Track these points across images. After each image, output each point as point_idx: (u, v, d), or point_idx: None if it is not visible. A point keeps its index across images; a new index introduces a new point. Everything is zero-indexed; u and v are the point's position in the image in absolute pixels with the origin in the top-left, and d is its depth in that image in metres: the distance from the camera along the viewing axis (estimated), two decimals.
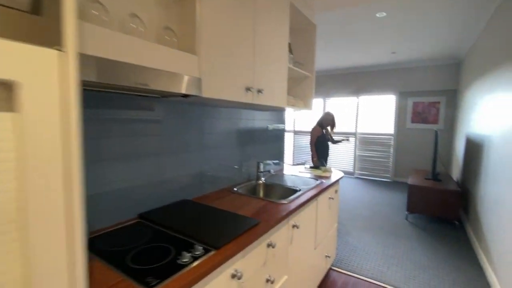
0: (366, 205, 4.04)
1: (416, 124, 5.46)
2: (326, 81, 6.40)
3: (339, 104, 6.33)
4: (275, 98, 1.67)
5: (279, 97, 1.73)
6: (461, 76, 4.65)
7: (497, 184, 2.19)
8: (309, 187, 1.81)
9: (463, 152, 3.83)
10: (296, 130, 7.01)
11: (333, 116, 3.79)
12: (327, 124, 3.77)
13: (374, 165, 5.95)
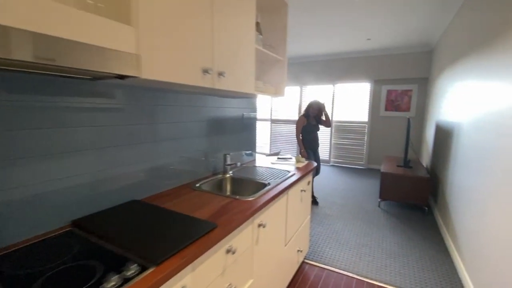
0: (340, 193, 4.05)
1: (389, 112, 5.54)
2: (302, 68, 6.28)
3: (316, 93, 6.26)
4: (240, 82, 1.49)
5: (246, 81, 1.55)
6: (433, 64, 4.72)
7: (466, 171, 2.21)
8: (279, 180, 1.68)
9: (433, 139, 3.91)
10: (274, 118, 6.89)
11: (318, 103, 3.61)
12: (313, 113, 3.61)
13: (349, 152, 6.02)
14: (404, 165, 3.63)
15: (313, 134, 3.62)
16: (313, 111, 3.59)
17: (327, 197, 3.85)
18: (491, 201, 1.70)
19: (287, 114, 6.69)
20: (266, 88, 1.95)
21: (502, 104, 1.66)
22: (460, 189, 2.32)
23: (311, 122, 3.61)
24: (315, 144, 3.65)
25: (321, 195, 3.93)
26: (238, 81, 1.47)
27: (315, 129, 3.63)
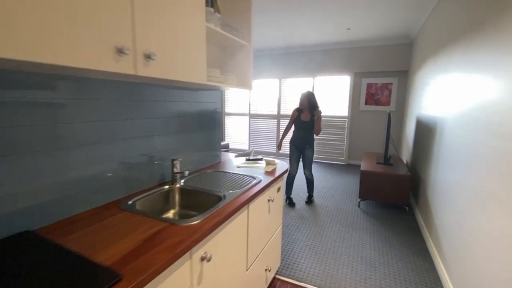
0: (319, 192, 3.83)
1: (369, 106, 5.38)
2: (281, 61, 5.98)
3: (295, 86, 5.99)
4: (181, 69, 1.15)
5: (190, 68, 1.21)
6: (413, 57, 4.57)
7: (450, 169, 2.02)
8: (240, 190, 1.37)
9: (413, 134, 3.76)
10: (252, 113, 6.57)
11: (308, 95, 3.23)
12: (303, 106, 3.26)
13: (329, 148, 5.84)
14: (384, 162, 3.45)
15: (300, 130, 3.28)
16: (302, 103, 3.25)
17: (305, 198, 3.61)
18: (474, 201, 1.49)
19: (266, 109, 6.39)
20: (226, 78, 1.62)
21: (488, 99, 1.44)
22: (442, 188, 2.13)
23: (300, 117, 3.26)
24: (300, 142, 3.31)
25: (299, 195, 3.69)
26: (178, 67, 1.13)
27: (303, 125, 3.24)
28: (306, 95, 3.24)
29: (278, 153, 6.32)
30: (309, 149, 3.32)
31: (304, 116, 3.26)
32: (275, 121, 6.28)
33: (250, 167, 1.91)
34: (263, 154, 6.52)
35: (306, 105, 3.23)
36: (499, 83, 1.38)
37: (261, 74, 6.24)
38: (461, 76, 1.98)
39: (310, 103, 3.21)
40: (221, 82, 1.55)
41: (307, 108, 3.23)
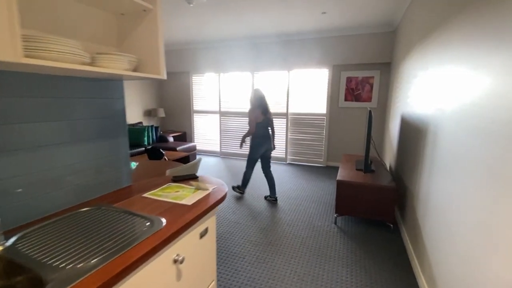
0: (292, 203, 3.26)
1: (349, 102, 4.88)
2: (253, 52, 5.34)
3: (269, 80, 5.39)
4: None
5: None
6: (396, 47, 4.08)
7: (447, 180, 1.49)
8: (109, 254, 0.74)
9: (397, 135, 3.26)
10: (224, 110, 5.91)
11: (256, 94, 3.24)
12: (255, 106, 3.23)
13: (307, 149, 5.30)
14: (365, 169, 2.92)
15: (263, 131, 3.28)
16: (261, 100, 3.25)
17: (275, 213, 3.03)
18: (482, 234, 0.95)
19: (239, 106, 5.75)
20: (116, 61, 0.97)
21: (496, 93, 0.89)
22: (438, 205, 1.60)
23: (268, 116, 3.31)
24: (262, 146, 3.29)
25: (267, 208, 3.10)
26: None
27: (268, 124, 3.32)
28: (256, 94, 3.27)
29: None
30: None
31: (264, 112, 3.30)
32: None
33: (166, 195, 1.28)
34: (236, 156, 5.90)
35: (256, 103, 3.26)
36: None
37: (231, 67, 5.59)
38: (461, 67, 1.43)
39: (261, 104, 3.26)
40: (103, 65, 0.91)
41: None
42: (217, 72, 5.79)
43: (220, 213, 3.01)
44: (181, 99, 6.35)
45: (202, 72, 5.96)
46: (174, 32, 4.84)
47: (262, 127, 3.22)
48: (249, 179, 3.42)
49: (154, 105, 6.41)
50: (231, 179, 4.29)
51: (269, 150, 3.34)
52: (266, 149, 3.30)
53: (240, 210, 3.10)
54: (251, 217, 2.91)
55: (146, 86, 6.12)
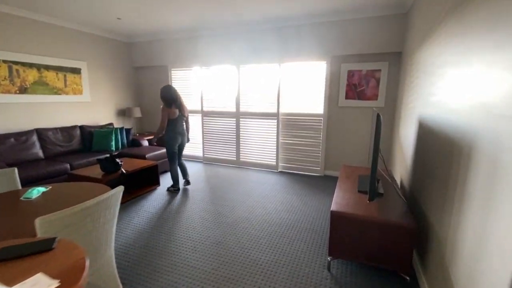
0: (272, 234, 2.51)
1: (351, 100, 4.09)
2: (237, 42, 4.56)
3: (257, 74, 4.61)
4: None
5: None
6: (410, 32, 3.27)
7: (496, 217, 0.72)
8: None
9: (413, 145, 2.49)
10: (206, 110, 5.15)
11: (170, 91, 3.45)
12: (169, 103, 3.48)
13: (301, 155, 4.53)
14: (371, 195, 2.15)
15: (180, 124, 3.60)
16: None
17: (249, 247, 2.28)
18: None
19: (224, 105, 4.99)
20: None
21: None
22: (481, 251, 0.84)
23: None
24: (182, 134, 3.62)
25: (242, 244, 2.35)
26: None
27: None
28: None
29: (239, 161, 4.98)
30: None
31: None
32: (234, 120, 4.90)
33: None
34: (221, 162, 5.14)
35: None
36: None
37: (214, 59, 4.81)
38: None
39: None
40: None
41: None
42: (198, 66, 5.02)
43: (155, 236, 2.27)
44: (159, 96, 5.59)
45: (182, 66, 5.20)
46: (150, 20, 4.08)
47: (177, 122, 3.48)
48: (177, 174, 3.65)
49: (130, 103, 5.67)
50: (212, 193, 3.54)
51: (183, 143, 3.68)
52: (181, 143, 3.62)
53: (193, 235, 2.36)
54: (207, 255, 2.17)
55: (118, 82, 5.38)
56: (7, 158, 3.43)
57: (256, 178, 4.24)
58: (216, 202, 3.27)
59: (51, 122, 4.23)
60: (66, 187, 1.92)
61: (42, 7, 3.58)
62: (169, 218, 2.86)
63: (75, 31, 4.46)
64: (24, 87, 3.85)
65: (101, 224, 1.41)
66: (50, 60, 4.14)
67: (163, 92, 3.42)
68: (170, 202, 3.29)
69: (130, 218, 2.85)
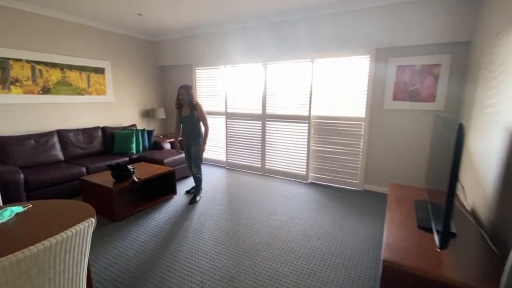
0: (303, 271, 1.98)
1: (400, 102, 3.39)
2: (264, 34, 4.09)
3: (286, 72, 4.10)
4: None
5: None
6: (484, 14, 2.52)
7: None
8: None
9: (498, 164, 1.79)
10: (230, 112, 4.76)
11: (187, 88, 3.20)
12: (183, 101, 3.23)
13: (336, 165, 3.91)
14: (443, 238, 1.52)
15: (183, 127, 3.31)
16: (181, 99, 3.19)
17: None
18: None
19: (249, 106, 4.55)
20: None
21: None
22: None
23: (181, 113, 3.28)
24: (185, 139, 3.35)
25: (260, 283, 1.87)
26: None
27: (184, 121, 3.26)
28: (185, 89, 3.17)
29: (264, 169, 4.51)
30: (193, 146, 3.29)
31: (184, 111, 3.25)
32: (260, 123, 4.43)
33: None
34: (245, 168, 4.72)
35: (186, 100, 3.17)
36: None
37: (240, 57, 4.40)
38: None
39: (189, 97, 3.16)
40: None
41: (187, 103, 3.19)
42: (223, 65, 4.65)
43: None
44: None
45: (206, 65, 4.87)
46: (171, 15, 3.80)
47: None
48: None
49: (154, 104, 5.49)
50: (231, 207, 3.12)
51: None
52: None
53: None
54: None
55: (143, 82, 5.22)
56: (26, 160, 3.34)
57: (283, 190, 3.73)
58: (234, 219, 2.83)
59: (73, 123, 4.14)
60: (46, 207, 1.60)
61: (60, 3, 3.45)
62: (178, 236, 2.48)
63: (99, 30, 4.34)
64: (47, 88, 3.79)
65: (58, 274, 1.03)
66: (74, 59, 4.05)
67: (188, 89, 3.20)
68: (184, 216, 2.92)
69: (137, 235, 2.52)
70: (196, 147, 3.26)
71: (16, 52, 3.42)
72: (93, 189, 2.94)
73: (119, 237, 2.48)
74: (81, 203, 1.66)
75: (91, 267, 1.92)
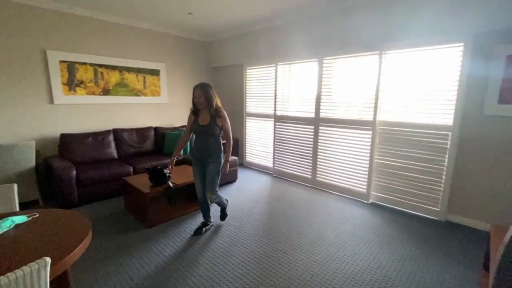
0: None
1: (510, 106, 2.42)
2: (321, 25, 3.52)
3: (346, 69, 3.45)
4: None
5: None
6: None
7: None
8: None
9: None
10: (280, 114, 4.33)
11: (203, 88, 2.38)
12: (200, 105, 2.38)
13: (407, 185, 3.09)
14: None
15: (199, 138, 2.41)
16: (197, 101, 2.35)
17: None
18: None
19: (300, 108, 4.04)
20: None
21: None
22: None
23: (198, 121, 2.39)
24: (200, 154, 2.43)
25: None
26: None
27: (202, 131, 2.36)
28: (201, 89, 2.35)
29: (315, 181, 3.94)
30: (212, 163, 2.40)
31: (202, 119, 2.39)
32: (312, 128, 3.88)
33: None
34: (293, 178, 4.22)
35: (204, 104, 2.33)
36: None
37: (291, 53, 3.93)
38: None
39: (208, 100, 2.33)
40: None
41: (205, 107, 2.36)
42: (273, 63, 4.25)
43: None
44: (233, 98, 5.15)
45: (257, 64, 4.56)
46: (222, 12, 3.61)
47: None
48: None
49: None
50: (269, 226, 2.71)
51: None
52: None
53: None
54: None
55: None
56: (84, 156, 3.57)
57: (335, 209, 3.11)
58: (270, 242, 2.39)
59: (128, 123, 4.33)
60: (49, 219, 1.46)
61: (120, 8, 3.58)
62: (203, 255, 2.18)
63: (155, 33, 4.46)
64: (107, 89, 4.02)
65: None
66: (131, 62, 4.22)
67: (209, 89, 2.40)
68: (215, 230, 2.62)
69: (163, 247, 2.32)
70: (215, 166, 2.40)
71: (81, 56, 3.70)
72: (132, 191, 2.89)
73: (144, 247, 2.32)
74: (80, 217, 1.48)
75: None
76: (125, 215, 2.94)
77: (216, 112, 2.36)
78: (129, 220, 2.81)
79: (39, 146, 3.46)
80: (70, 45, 3.59)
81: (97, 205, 3.20)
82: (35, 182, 3.11)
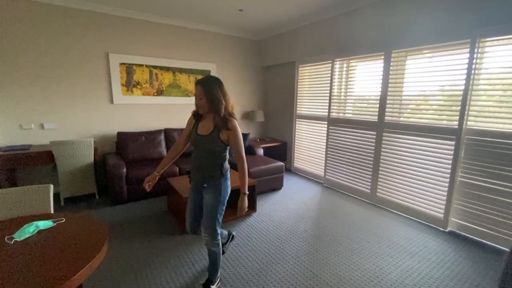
0: None
1: None
2: (385, 10, 2.93)
3: (420, 63, 2.80)
4: None
5: None
6: None
7: None
8: None
9: None
10: (334, 117, 3.84)
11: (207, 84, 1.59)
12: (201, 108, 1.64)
13: (505, 213, 2.31)
14: None
15: (197, 153, 1.69)
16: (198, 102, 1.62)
17: None
18: None
19: (360, 110, 3.50)
20: None
21: None
22: None
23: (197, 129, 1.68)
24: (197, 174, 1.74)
25: None
26: None
27: (201, 144, 1.65)
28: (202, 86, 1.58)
29: (375, 197, 3.37)
30: (209, 192, 1.70)
31: (203, 126, 1.67)
32: (374, 134, 3.30)
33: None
34: (347, 191, 3.69)
35: (206, 108, 1.60)
36: None
37: (350, 46, 3.41)
38: None
39: (211, 103, 1.58)
40: None
41: (209, 112, 1.63)
42: (329, 60, 3.78)
43: None
44: (284, 98, 4.83)
45: (311, 61, 4.14)
46: (273, 6, 3.36)
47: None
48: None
49: (254, 106, 5.26)
50: (311, 252, 2.34)
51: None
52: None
53: None
54: None
55: (246, 83, 5.06)
56: (136, 154, 3.71)
57: (401, 237, 2.53)
58: (315, 273, 2.01)
59: (178, 123, 4.40)
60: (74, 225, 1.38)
61: (171, 10, 3.61)
62: (235, 277, 1.93)
63: (206, 33, 4.43)
64: (160, 89, 4.14)
65: None
66: (184, 63, 4.27)
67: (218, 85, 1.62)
68: (254, 245, 2.36)
69: (196, 259, 2.16)
70: (213, 197, 1.70)
71: (139, 59, 3.86)
72: (173, 192, 2.84)
73: (177, 255, 2.19)
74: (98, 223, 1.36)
75: None
76: (167, 216, 2.90)
77: (223, 121, 1.59)
78: (169, 222, 2.76)
79: (99, 143, 3.73)
80: (129, 48, 3.78)
81: (144, 203, 3.27)
82: (93, 177, 3.33)
